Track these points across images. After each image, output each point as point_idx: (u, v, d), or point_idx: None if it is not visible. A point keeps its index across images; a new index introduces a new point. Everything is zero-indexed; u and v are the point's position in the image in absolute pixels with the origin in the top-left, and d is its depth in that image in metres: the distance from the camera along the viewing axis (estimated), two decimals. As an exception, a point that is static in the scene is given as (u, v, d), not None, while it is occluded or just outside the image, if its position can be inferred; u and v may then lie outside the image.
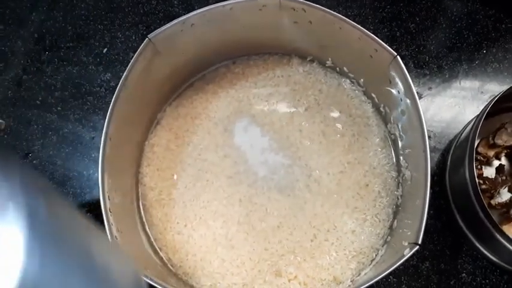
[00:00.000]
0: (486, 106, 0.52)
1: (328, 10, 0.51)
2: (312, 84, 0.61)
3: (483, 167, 0.60)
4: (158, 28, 0.51)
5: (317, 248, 0.55)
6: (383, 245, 0.54)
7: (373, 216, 0.56)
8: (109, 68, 0.67)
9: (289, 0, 0.51)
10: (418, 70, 0.66)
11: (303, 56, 0.62)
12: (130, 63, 0.50)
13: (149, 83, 0.56)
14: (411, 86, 0.48)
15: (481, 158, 0.60)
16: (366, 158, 0.58)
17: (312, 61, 0.62)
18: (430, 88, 0.66)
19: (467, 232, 0.57)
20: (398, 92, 0.51)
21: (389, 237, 0.54)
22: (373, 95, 0.59)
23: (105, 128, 0.49)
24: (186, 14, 0.51)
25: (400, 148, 0.56)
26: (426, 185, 0.45)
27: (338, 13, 0.50)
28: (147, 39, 0.50)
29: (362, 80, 0.60)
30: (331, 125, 0.59)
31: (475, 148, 0.58)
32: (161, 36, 0.51)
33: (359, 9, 0.69)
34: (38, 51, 0.69)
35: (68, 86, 0.67)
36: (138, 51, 0.50)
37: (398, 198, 0.56)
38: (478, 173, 0.58)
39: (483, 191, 0.56)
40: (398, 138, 0.56)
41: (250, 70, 0.63)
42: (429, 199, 0.45)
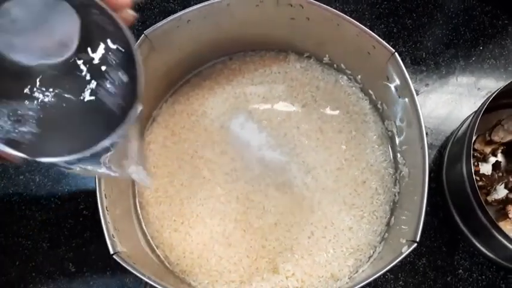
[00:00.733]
0: (484, 102, 0.52)
1: (326, 6, 0.50)
2: (309, 80, 0.61)
3: (480, 164, 0.60)
4: (154, 24, 0.50)
5: (314, 245, 0.55)
6: (380, 242, 0.54)
7: (370, 213, 0.56)
8: (104, 64, 0.67)
9: (286, -4, 0.51)
10: (415, 66, 0.66)
11: (300, 53, 0.62)
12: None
13: (145, 80, 0.55)
14: (409, 83, 0.48)
15: (478, 155, 0.60)
16: (363, 155, 0.58)
17: (309, 57, 0.62)
18: (427, 84, 0.65)
19: (463, 229, 0.57)
20: (396, 89, 0.51)
21: (386, 234, 0.54)
22: (370, 92, 0.59)
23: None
24: (182, 10, 0.51)
25: (398, 145, 0.56)
26: (424, 182, 0.45)
27: (335, 9, 0.50)
28: (144, 35, 0.49)
29: (359, 77, 0.59)
30: (328, 122, 0.59)
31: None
32: (157, 32, 0.50)
33: (356, 5, 0.69)
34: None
35: (63, 83, 0.66)
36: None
37: (395, 195, 0.56)
38: (475, 170, 0.58)
39: (479, 188, 0.56)
40: (395, 135, 0.56)
41: (246, 66, 0.62)
42: (427, 196, 0.45)
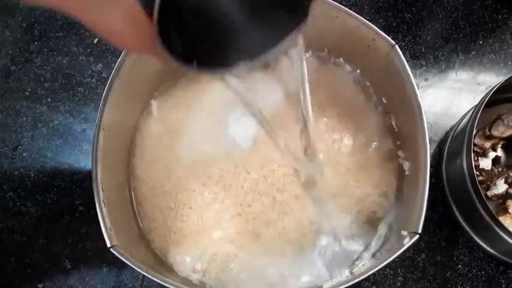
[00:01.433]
0: (484, 97, 0.52)
1: (325, -2, 0.50)
2: (308, 74, 0.60)
3: (479, 159, 0.60)
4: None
5: (314, 240, 0.54)
6: (381, 235, 0.54)
7: (370, 206, 0.55)
8: (100, 59, 0.66)
9: (285, -12, 0.50)
10: (415, 61, 0.65)
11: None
12: (123, 53, 0.48)
13: (142, 74, 0.55)
14: (410, 76, 0.47)
15: (478, 150, 0.60)
16: (363, 148, 0.57)
17: (308, 51, 0.61)
18: (426, 79, 0.65)
19: (463, 223, 0.57)
20: (396, 82, 0.51)
21: (387, 227, 0.54)
22: (370, 85, 0.59)
23: (98, 119, 0.47)
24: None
25: (398, 138, 0.56)
26: (426, 173, 0.45)
27: (334, 1, 0.49)
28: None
29: (359, 70, 0.59)
30: (327, 116, 0.59)
31: (472, 139, 0.57)
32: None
33: (355, -2, 0.68)
34: (27, 41, 0.67)
35: (58, 77, 0.65)
36: (131, 40, 0.49)
37: (396, 188, 0.55)
38: (475, 165, 0.57)
39: (479, 183, 0.55)
40: (396, 128, 0.56)
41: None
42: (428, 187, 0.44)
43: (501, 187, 0.58)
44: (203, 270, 0.54)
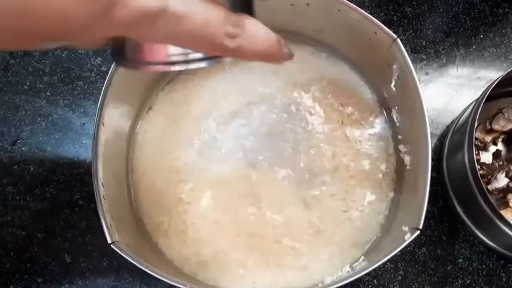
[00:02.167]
0: (485, 90, 0.52)
1: (326, -9, 0.49)
2: (309, 68, 0.60)
3: (480, 153, 0.60)
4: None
5: (315, 236, 0.54)
6: (382, 231, 0.54)
7: (371, 201, 0.55)
8: (99, 52, 0.65)
9: (286, -19, 0.50)
10: (415, 55, 0.65)
11: (300, 40, 0.61)
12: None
13: (141, 67, 0.54)
14: (411, 70, 0.47)
15: (478, 144, 0.60)
16: (364, 143, 0.57)
17: (309, 45, 0.61)
18: (427, 73, 0.65)
19: (464, 217, 0.57)
20: (397, 76, 0.51)
21: (388, 222, 0.54)
22: (371, 79, 0.58)
23: (97, 114, 0.47)
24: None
25: (399, 133, 0.55)
26: (427, 167, 0.45)
27: (335, -5, 0.49)
28: (140, 20, 0.48)
29: (360, 64, 0.59)
30: (328, 111, 0.58)
31: (473, 133, 0.57)
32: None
33: (355, -8, 0.68)
34: (25, 34, 0.66)
35: (57, 71, 0.65)
36: (131, 33, 0.48)
37: (397, 183, 0.55)
38: (475, 158, 0.57)
39: (480, 177, 0.55)
40: (397, 122, 0.56)
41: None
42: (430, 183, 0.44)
43: (502, 181, 0.58)
44: (203, 265, 0.54)
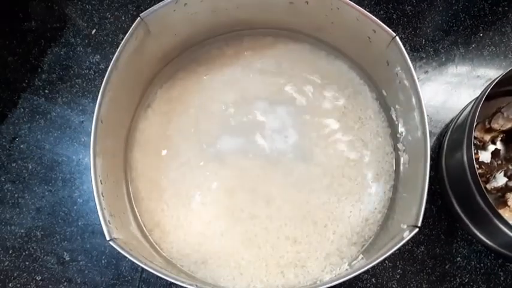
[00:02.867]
0: (485, 89, 0.51)
1: (325, -10, 0.49)
2: (308, 66, 0.60)
3: (479, 152, 0.60)
4: (149, 8, 0.49)
5: (314, 235, 0.54)
6: (381, 229, 0.54)
7: (369, 200, 0.55)
8: (98, 50, 0.65)
9: (285, -21, 0.50)
10: (415, 53, 0.65)
11: (299, 38, 0.61)
12: (121, 43, 0.48)
13: (140, 65, 0.54)
14: (410, 68, 0.47)
15: (477, 143, 0.60)
16: (363, 141, 0.57)
17: (308, 43, 0.61)
18: (426, 72, 0.65)
19: (462, 216, 0.57)
20: (396, 74, 0.50)
21: (387, 220, 0.54)
22: (370, 77, 0.58)
23: (96, 111, 0.47)
24: (180, -7, 0.49)
25: (398, 131, 0.55)
26: (426, 165, 0.45)
27: (333, -7, 0.49)
28: (139, 18, 0.48)
29: (359, 62, 0.58)
30: (328, 109, 0.58)
31: (471, 132, 0.57)
32: (153, 15, 0.49)
33: (355, -10, 0.68)
34: (24, 32, 0.66)
35: (56, 68, 0.65)
36: (130, 31, 0.48)
37: (396, 181, 0.55)
38: (474, 157, 0.57)
39: (479, 176, 0.55)
40: (395, 120, 0.56)
41: (243, 52, 0.61)
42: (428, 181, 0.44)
43: (500, 180, 0.58)
44: (202, 263, 0.54)
